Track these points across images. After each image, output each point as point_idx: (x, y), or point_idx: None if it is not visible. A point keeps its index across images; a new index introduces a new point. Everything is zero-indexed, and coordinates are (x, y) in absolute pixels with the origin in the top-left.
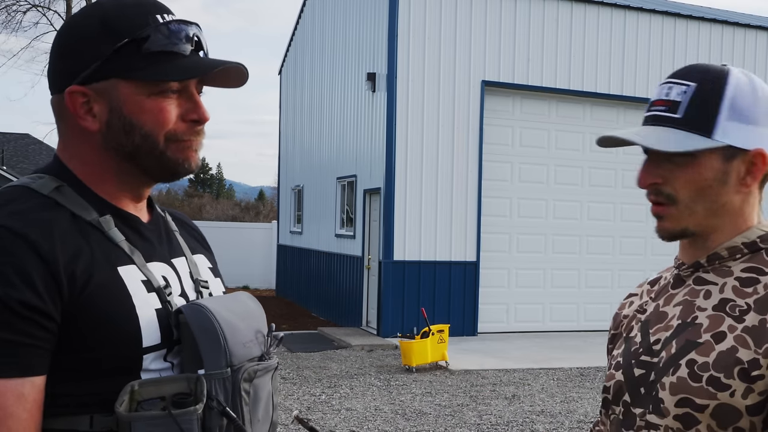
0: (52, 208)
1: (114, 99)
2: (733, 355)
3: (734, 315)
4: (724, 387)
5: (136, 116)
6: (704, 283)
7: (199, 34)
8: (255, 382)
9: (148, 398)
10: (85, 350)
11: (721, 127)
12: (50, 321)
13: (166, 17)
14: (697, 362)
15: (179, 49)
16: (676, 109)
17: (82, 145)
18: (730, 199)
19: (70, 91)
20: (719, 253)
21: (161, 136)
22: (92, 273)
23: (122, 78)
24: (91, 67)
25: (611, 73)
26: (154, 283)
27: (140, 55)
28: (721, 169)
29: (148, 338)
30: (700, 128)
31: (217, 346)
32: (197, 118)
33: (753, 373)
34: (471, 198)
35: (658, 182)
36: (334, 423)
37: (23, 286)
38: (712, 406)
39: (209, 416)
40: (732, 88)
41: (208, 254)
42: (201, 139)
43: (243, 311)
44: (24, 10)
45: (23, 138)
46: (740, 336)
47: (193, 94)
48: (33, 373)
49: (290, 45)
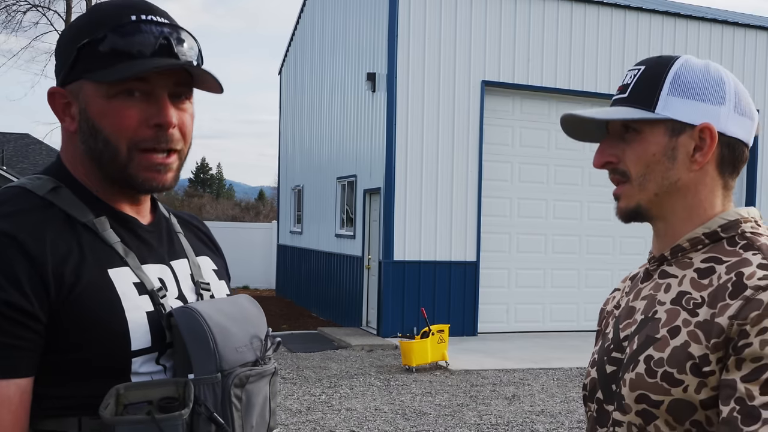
0: (46, 210)
1: (81, 100)
2: (686, 350)
3: (689, 309)
4: (677, 382)
5: (98, 119)
6: (666, 276)
7: (170, 37)
8: (248, 388)
9: (135, 402)
10: (73, 351)
11: (662, 101)
12: (37, 322)
13: (142, 17)
14: (654, 358)
15: (133, 50)
16: (626, 90)
17: (70, 145)
18: (681, 177)
19: (49, 92)
20: (681, 245)
21: (123, 145)
22: (80, 275)
23: (85, 79)
24: (66, 67)
25: (611, 73)
26: (147, 286)
27: (97, 55)
28: (667, 144)
29: (137, 341)
30: (643, 102)
31: (206, 350)
32: (159, 122)
33: (704, 369)
34: (471, 198)
35: (613, 161)
36: (334, 423)
37: (10, 287)
38: (667, 401)
39: (197, 422)
40: (678, 66)
41: (215, 256)
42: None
43: (239, 315)
44: (24, 10)
45: (23, 138)
46: (693, 331)
47: (160, 98)
48: (18, 375)
49: (290, 45)
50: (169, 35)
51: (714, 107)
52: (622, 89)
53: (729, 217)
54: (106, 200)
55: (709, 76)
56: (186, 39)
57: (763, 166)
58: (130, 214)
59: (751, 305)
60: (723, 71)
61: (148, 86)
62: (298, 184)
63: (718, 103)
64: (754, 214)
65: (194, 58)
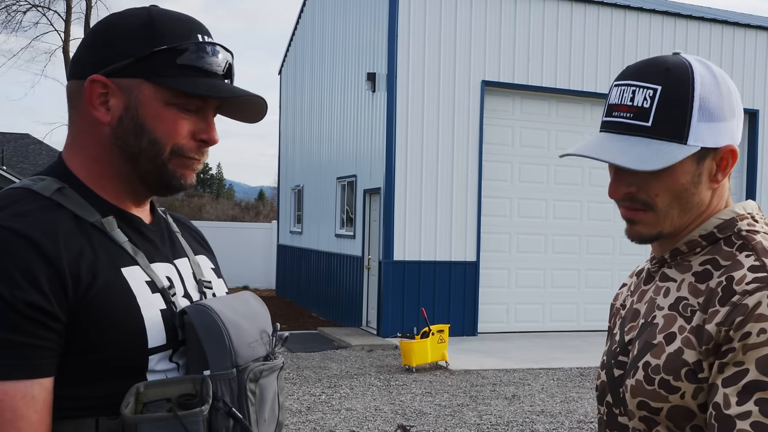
0: (55, 210)
1: (133, 98)
2: (680, 356)
3: (685, 315)
4: (674, 389)
5: (150, 120)
6: (666, 279)
7: (231, 62)
8: (261, 382)
9: (154, 400)
10: (91, 351)
11: (693, 130)
12: (57, 322)
13: (206, 38)
14: (651, 365)
15: (211, 69)
16: (645, 116)
17: (88, 137)
18: (702, 197)
19: (92, 79)
20: (679, 248)
21: (168, 147)
22: (96, 274)
23: (149, 80)
24: (123, 62)
25: (611, 73)
26: (158, 284)
27: (174, 64)
28: (695, 171)
29: (154, 339)
30: (674, 135)
31: (222, 347)
32: (207, 138)
33: (699, 375)
34: (471, 198)
35: (633, 191)
36: (334, 423)
37: (29, 287)
38: (665, 408)
39: (215, 417)
40: (699, 86)
41: (210, 255)
42: (204, 160)
43: (247, 311)
44: (24, 10)
45: (23, 138)
46: (686, 337)
47: (208, 116)
48: (42, 375)
49: (290, 45)
50: (231, 61)
51: (730, 123)
52: (635, 112)
53: (725, 216)
54: (110, 200)
55: (722, 90)
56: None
57: (763, 166)
58: (134, 214)
59: (737, 310)
60: (724, 76)
61: (202, 103)
62: (298, 184)
63: (731, 118)
64: (752, 209)
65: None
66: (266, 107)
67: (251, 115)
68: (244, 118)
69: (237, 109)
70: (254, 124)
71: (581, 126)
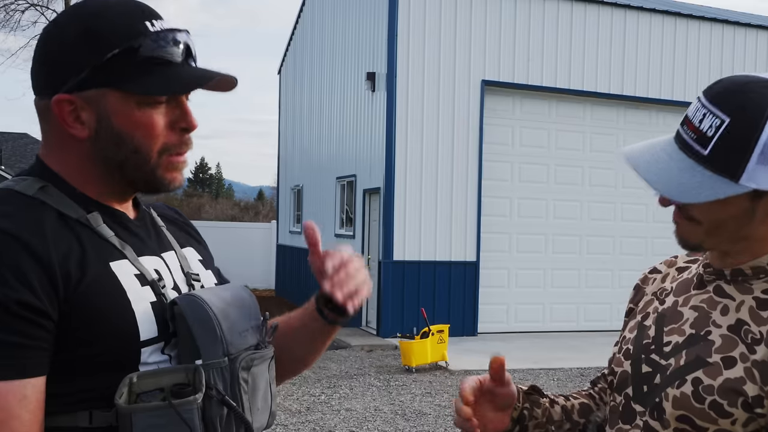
0: (39, 208)
1: (102, 109)
2: (740, 386)
3: (747, 342)
4: (727, 414)
5: (126, 128)
6: (724, 295)
7: (189, 41)
8: (253, 371)
9: (147, 390)
10: (83, 347)
11: (749, 171)
12: (48, 320)
13: (155, 24)
14: (703, 383)
15: (171, 58)
16: (705, 143)
17: (67, 152)
18: (755, 231)
19: (56, 100)
20: (743, 270)
21: (154, 151)
22: (85, 270)
23: (113, 88)
24: (79, 76)
25: (611, 73)
26: (147, 277)
27: (132, 65)
28: (747, 207)
29: (145, 332)
30: (726, 170)
31: (213, 336)
32: (186, 126)
33: (756, 410)
34: (471, 198)
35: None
36: (333, 423)
37: (20, 286)
38: (711, 430)
39: (209, 405)
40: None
41: (199, 246)
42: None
43: (237, 300)
44: (22, 9)
45: (21, 137)
46: (749, 369)
47: (181, 102)
48: (34, 374)
49: (290, 44)
50: (187, 40)
51: None
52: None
53: None
54: (93, 197)
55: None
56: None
57: None
58: (118, 209)
59: None
60: None
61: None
62: (297, 183)
63: None
64: None
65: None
66: (236, 80)
67: (223, 86)
68: (219, 89)
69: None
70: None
71: (581, 126)
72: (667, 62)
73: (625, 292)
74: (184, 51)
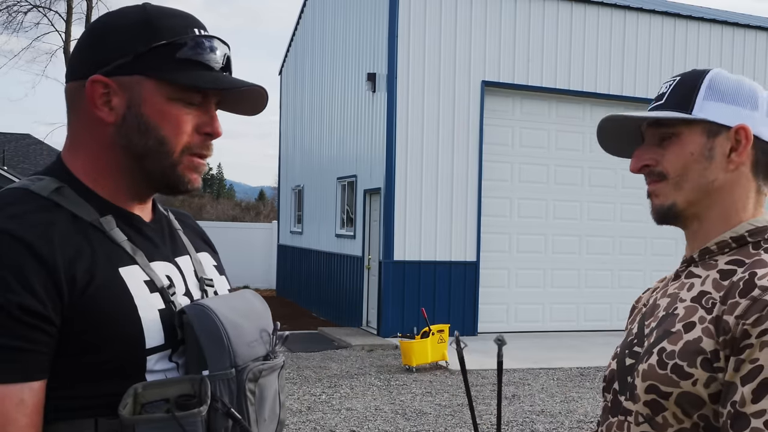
0: (52, 210)
1: (135, 95)
2: (698, 344)
3: (707, 307)
4: (687, 375)
5: (154, 117)
6: (692, 276)
7: (229, 55)
8: (260, 382)
9: (152, 400)
10: (88, 353)
11: (698, 104)
12: (50, 325)
13: (203, 32)
14: (666, 350)
15: (210, 62)
16: (663, 98)
17: (91, 138)
18: (718, 177)
19: (92, 80)
20: (709, 247)
21: (178, 147)
22: (93, 274)
23: (149, 77)
24: (122, 60)
25: (611, 73)
26: (157, 283)
27: (173, 58)
28: (704, 144)
29: (152, 339)
30: (679, 106)
31: (220, 347)
32: (211, 131)
33: (715, 364)
34: (471, 198)
35: (650, 164)
36: (334, 423)
37: (23, 290)
38: (675, 393)
39: (214, 418)
40: (713, 73)
41: (213, 252)
42: (209, 156)
43: (247, 310)
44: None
45: (24, 138)
46: (707, 327)
47: (210, 109)
48: (33, 378)
49: (290, 45)
50: (229, 54)
51: (748, 111)
52: (658, 98)
53: (758, 224)
54: (110, 199)
55: (743, 85)
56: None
57: None
58: (134, 212)
59: (756, 305)
60: (756, 84)
61: (204, 97)
62: (298, 184)
63: (752, 108)
64: None
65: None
66: (267, 97)
67: (251, 108)
68: (245, 110)
69: (238, 102)
70: (254, 116)
71: (581, 126)
72: (666, 63)
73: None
74: (224, 61)
